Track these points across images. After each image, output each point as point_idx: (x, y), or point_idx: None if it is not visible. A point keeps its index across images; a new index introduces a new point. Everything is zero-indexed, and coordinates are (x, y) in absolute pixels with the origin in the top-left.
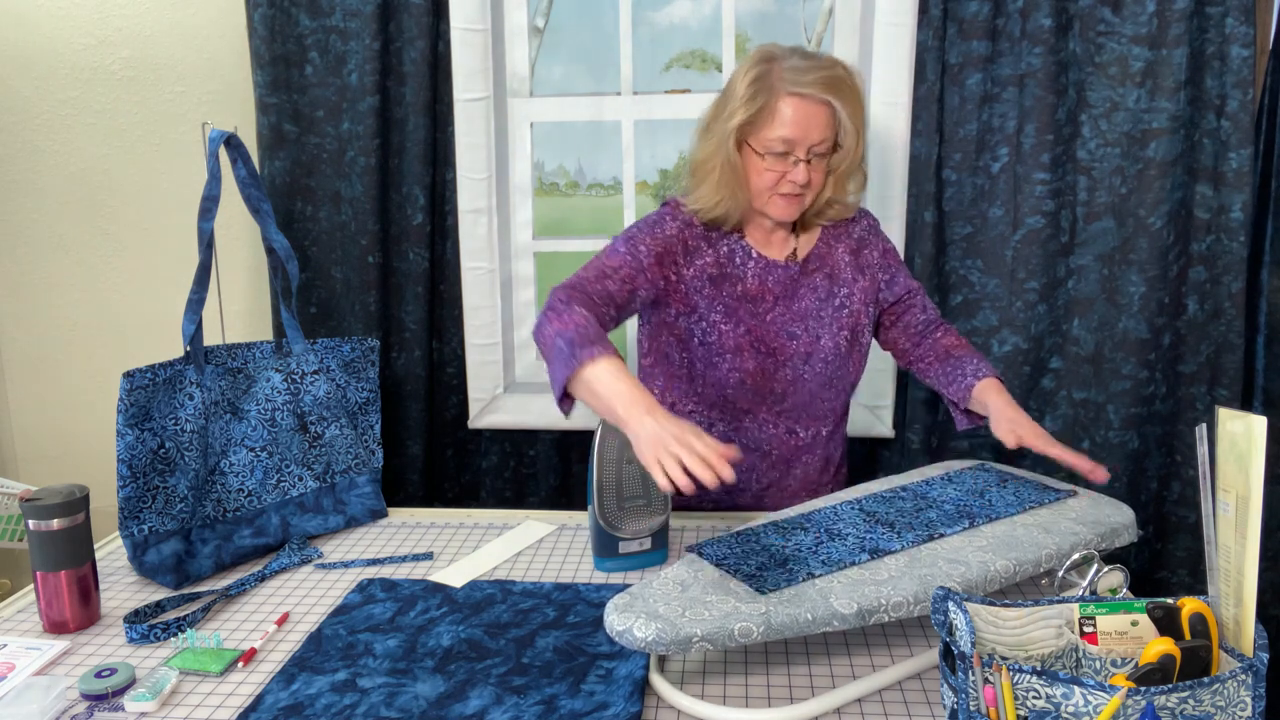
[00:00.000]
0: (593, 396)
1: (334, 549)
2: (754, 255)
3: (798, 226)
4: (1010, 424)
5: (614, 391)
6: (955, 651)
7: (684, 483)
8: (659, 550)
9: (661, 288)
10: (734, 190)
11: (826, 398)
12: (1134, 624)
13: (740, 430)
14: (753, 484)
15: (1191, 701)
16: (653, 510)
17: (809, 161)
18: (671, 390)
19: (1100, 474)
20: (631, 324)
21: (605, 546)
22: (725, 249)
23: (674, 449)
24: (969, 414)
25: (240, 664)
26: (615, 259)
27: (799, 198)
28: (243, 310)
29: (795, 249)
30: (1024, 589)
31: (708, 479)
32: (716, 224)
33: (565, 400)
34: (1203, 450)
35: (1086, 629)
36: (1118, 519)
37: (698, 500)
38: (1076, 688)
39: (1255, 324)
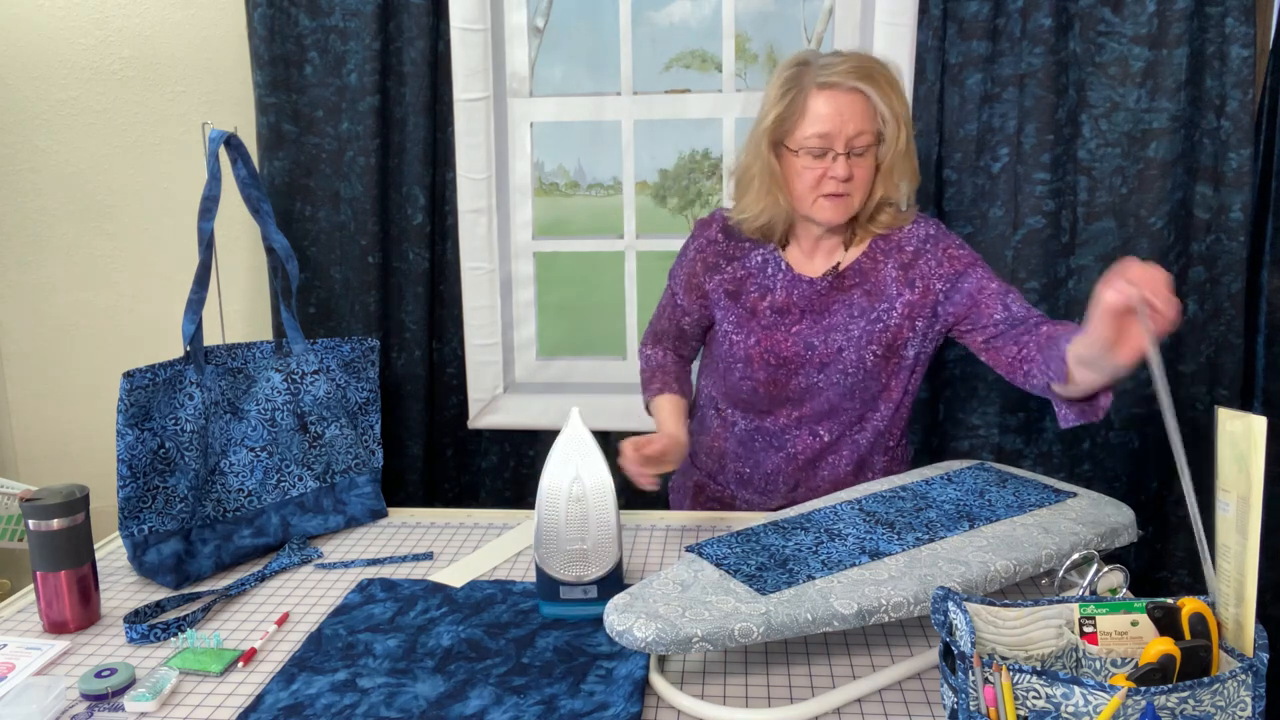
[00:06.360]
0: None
1: (334, 549)
2: (784, 268)
3: (852, 237)
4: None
5: (656, 425)
6: (955, 651)
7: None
8: (604, 600)
9: (704, 306)
10: (776, 198)
11: (850, 406)
12: (1134, 624)
13: (762, 429)
14: (780, 484)
15: (1191, 701)
16: (591, 560)
17: (848, 156)
18: (710, 388)
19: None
20: None
21: (547, 591)
22: (758, 259)
23: (621, 459)
24: (1076, 405)
25: (240, 664)
26: (664, 298)
27: (845, 198)
28: (243, 310)
29: (839, 262)
30: (1024, 589)
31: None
32: (763, 235)
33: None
34: (1177, 444)
35: (1086, 629)
36: (1118, 519)
37: (730, 499)
38: (1076, 688)
39: (1255, 324)
